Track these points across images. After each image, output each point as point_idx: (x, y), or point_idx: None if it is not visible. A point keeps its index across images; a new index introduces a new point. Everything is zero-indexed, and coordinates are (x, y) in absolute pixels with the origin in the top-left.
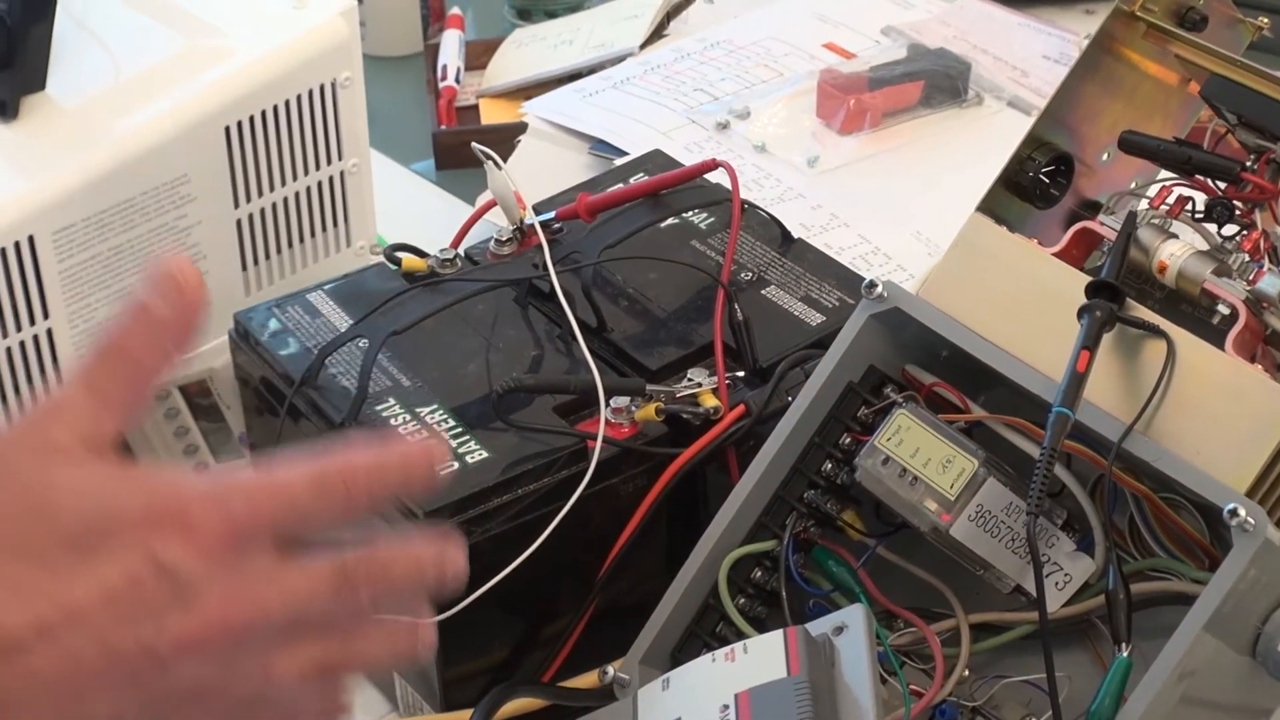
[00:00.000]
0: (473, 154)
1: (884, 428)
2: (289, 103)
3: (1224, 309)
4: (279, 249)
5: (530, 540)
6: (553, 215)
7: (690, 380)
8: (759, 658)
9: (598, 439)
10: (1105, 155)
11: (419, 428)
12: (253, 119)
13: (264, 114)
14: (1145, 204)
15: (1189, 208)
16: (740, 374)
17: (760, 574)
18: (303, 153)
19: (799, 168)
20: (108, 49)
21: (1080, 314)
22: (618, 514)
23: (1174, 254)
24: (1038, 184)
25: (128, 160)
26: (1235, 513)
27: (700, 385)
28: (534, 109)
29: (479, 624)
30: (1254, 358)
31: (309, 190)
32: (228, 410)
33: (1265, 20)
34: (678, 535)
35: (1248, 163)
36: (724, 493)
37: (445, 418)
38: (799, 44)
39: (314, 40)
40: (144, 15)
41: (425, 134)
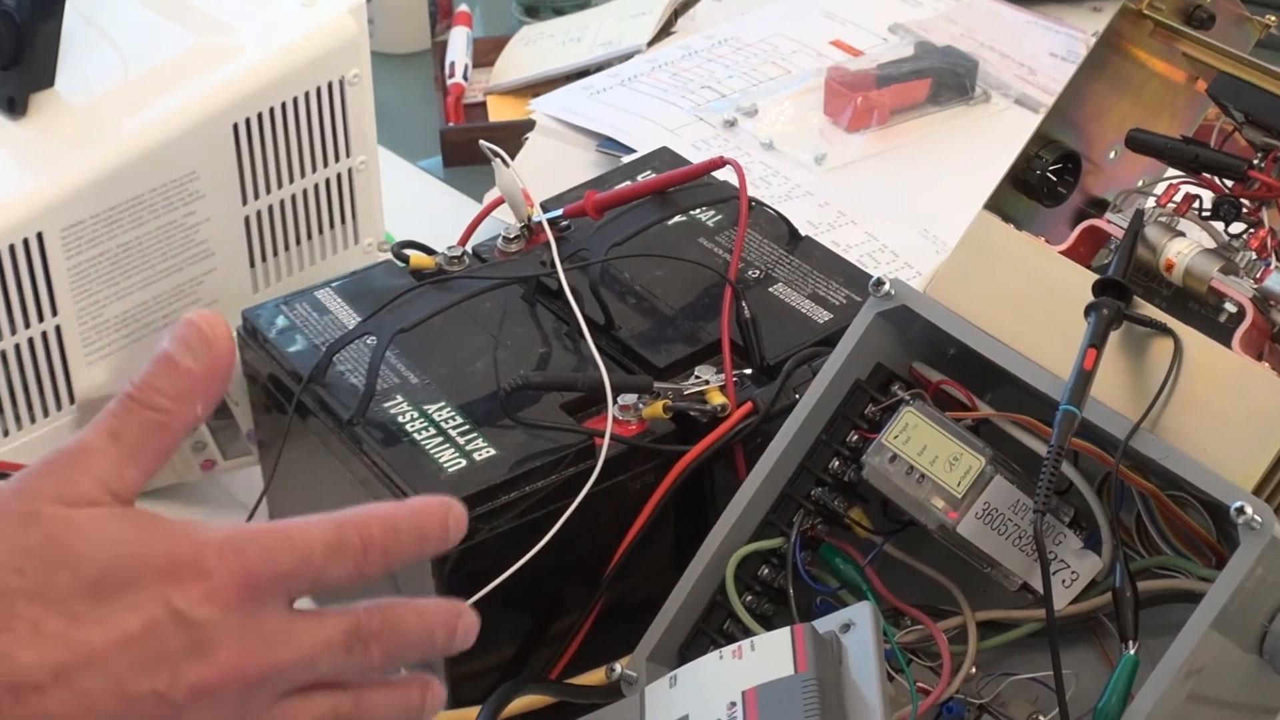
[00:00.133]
0: (480, 151)
1: (891, 425)
2: (297, 100)
3: (1231, 307)
4: (287, 246)
5: (538, 537)
6: (560, 212)
7: (698, 378)
8: (766, 655)
9: (605, 436)
10: (1112, 153)
11: (423, 421)
12: (261, 116)
13: (272, 111)
14: (1152, 202)
15: (1196, 206)
16: (748, 371)
17: (767, 571)
18: (311, 150)
19: (806, 165)
20: (116, 46)
21: (1087, 312)
22: (625, 511)
23: (1181, 252)
24: (1045, 182)
25: (136, 157)
26: (1242, 510)
27: (708, 383)
28: (541, 106)
29: (486, 620)
30: (1261, 355)
31: (317, 187)
32: (236, 407)
33: (1273, 18)
34: (685, 532)
35: (1255, 160)
36: (731, 490)
37: (453, 415)
38: (806, 41)
39: (322, 38)
40: (153, 12)
41: (433, 131)
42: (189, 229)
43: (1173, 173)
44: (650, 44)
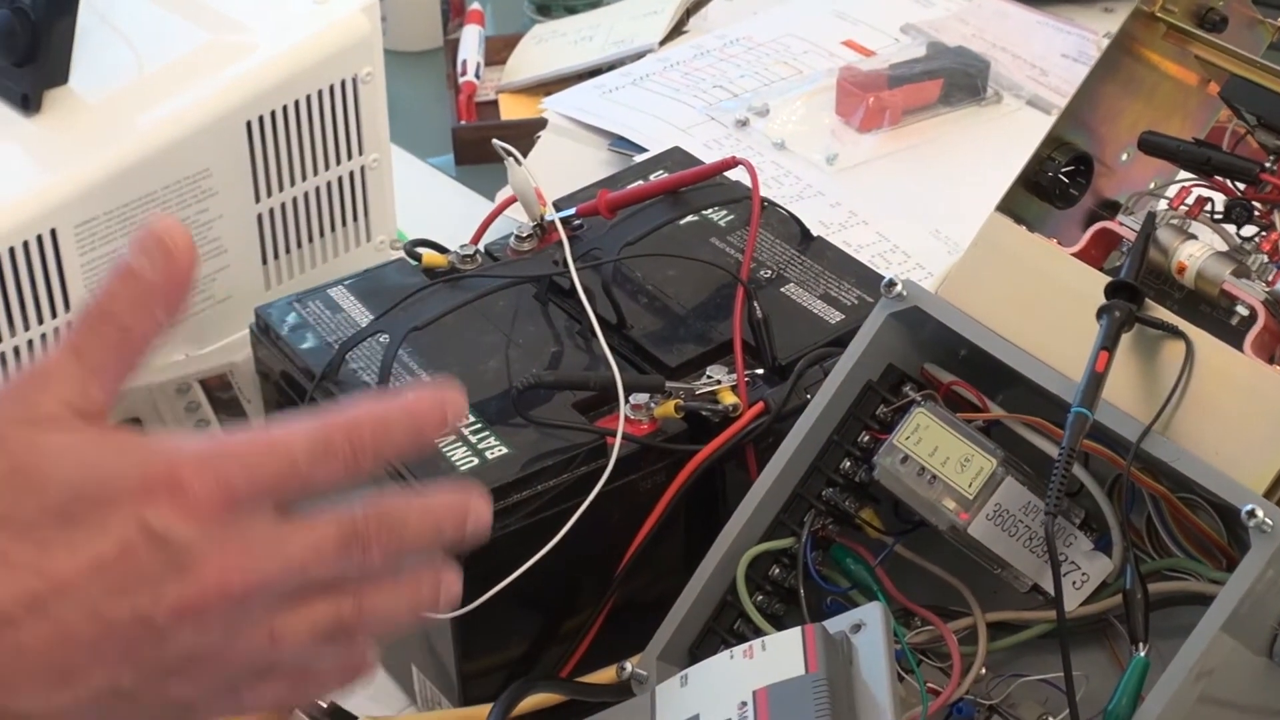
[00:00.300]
0: (492, 149)
1: (903, 426)
2: (310, 98)
3: (1243, 310)
4: (299, 243)
5: (549, 536)
6: (573, 212)
7: (709, 377)
8: (777, 655)
9: (617, 435)
10: (1124, 155)
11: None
12: (274, 114)
13: (285, 109)
14: (1164, 204)
15: (1208, 208)
16: (759, 371)
17: (778, 571)
18: (324, 148)
19: (818, 165)
20: (130, 43)
21: (1099, 314)
22: (636, 510)
23: (1193, 255)
24: (1057, 184)
25: (150, 154)
26: (1253, 513)
27: (719, 382)
28: (554, 105)
29: (498, 619)
30: (1273, 359)
31: (330, 185)
32: (248, 404)
33: None
34: (696, 532)
35: (1267, 163)
36: (742, 490)
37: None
38: (818, 41)
39: (335, 36)
40: (167, 10)
41: (445, 129)
42: (202, 226)
43: (1185, 175)
44: (662, 43)
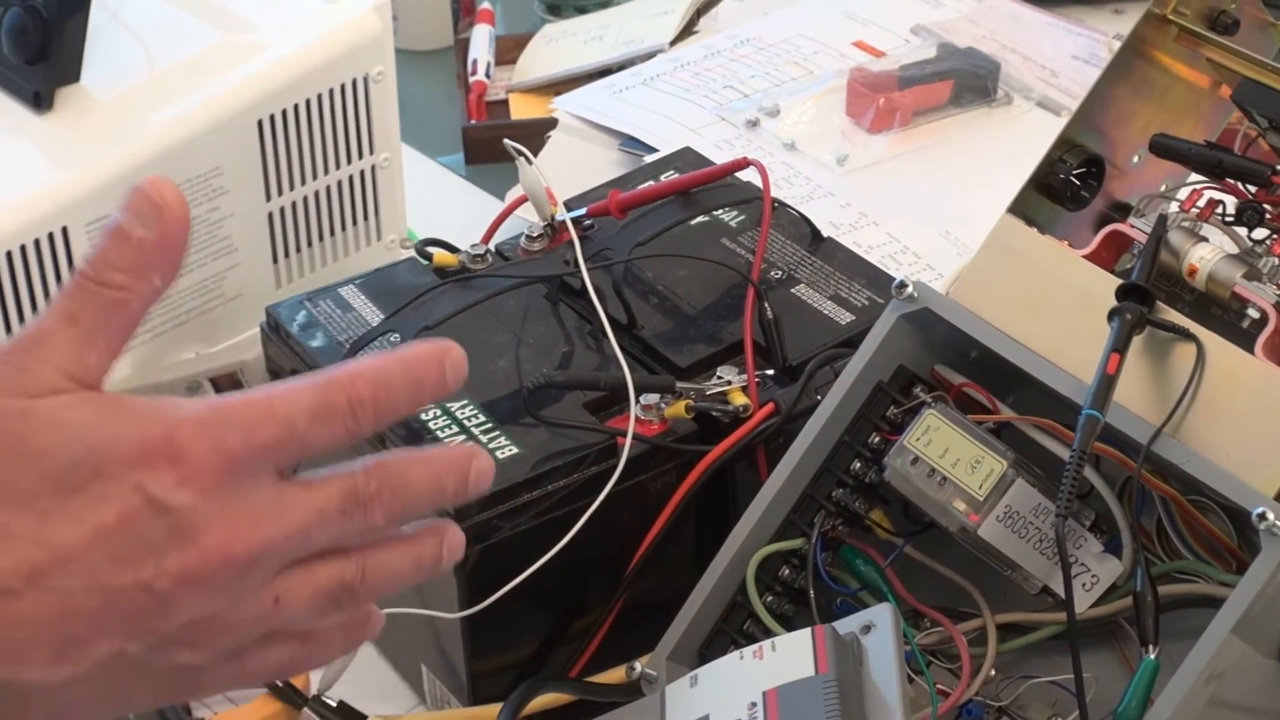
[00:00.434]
0: (502, 149)
1: (913, 427)
2: (321, 97)
3: (1254, 313)
4: (310, 242)
5: (559, 536)
6: (584, 212)
7: (720, 378)
8: (787, 656)
9: (627, 436)
10: (1136, 158)
11: (447, 422)
12: (285, 113)
13: (296, 108)
14: (1176, 207)
15: (1219, 211)
16: (770, 372)
17: (788, 572)
18: (334, 147)
19: (828, 166)
20: (142, 42)
21: (1110, 316)
22: (646, 511)
23: (1204, 257)
24: (1069, 186)
25: (161, 153)
26: (1264, 516)
27: (730, 383)
28: (564, 105)
29: (507, 618)
30: None
31: (340, 184)
32: None
33: None
34: (706, 532)
35: (1278, 166)
36: (753, 490)
37: (475, 413)
38: (829, 42)
39: (347, 35)
40: (179, 9)
41: (455, 128)
42: (213, 224)
43: (1196, 178)
44: (672, 43)
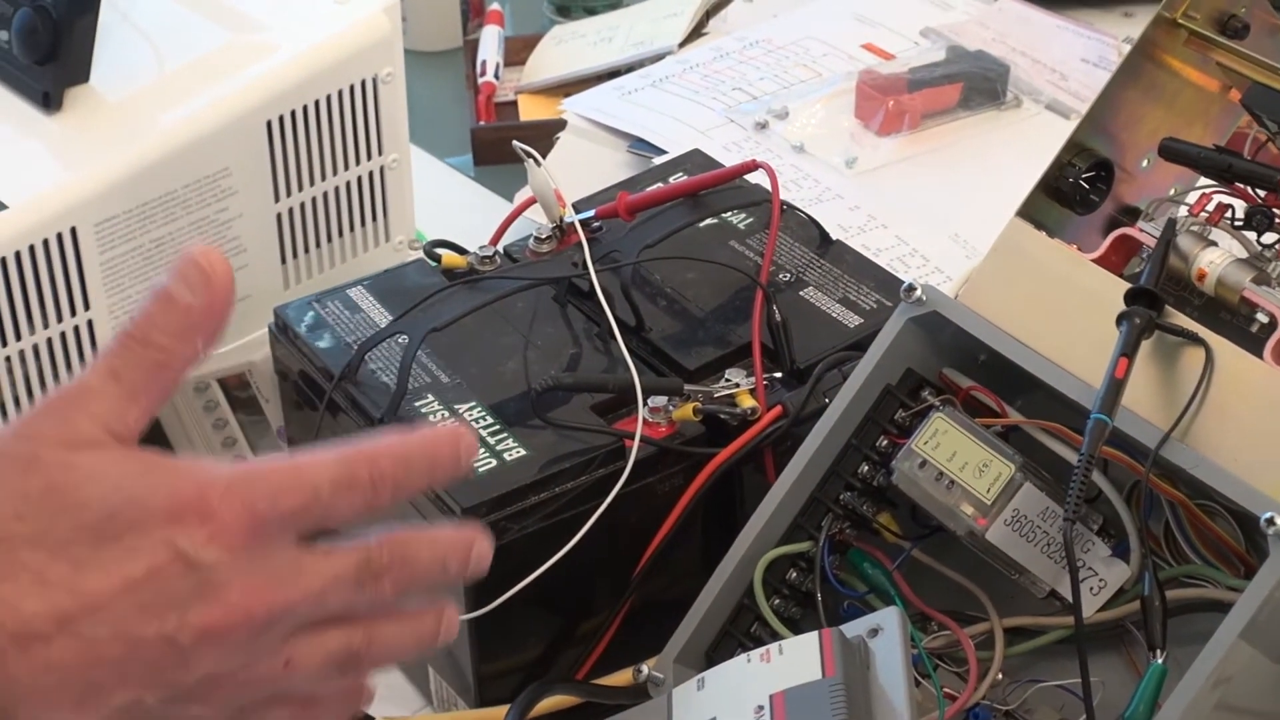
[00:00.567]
0: (511, 150)
1: (921, 431)
2: (330, 98)
3: (1263, 317)
4: (319, 243)
5: (567, 538)
6: (592, 213)
7: (728, 380)
8: (794, 659)
9: (635, 438)
10: (1145, 161)
11: (453, 420)
12: (294, 114)
13: (306, 109)
14: (1185, 211)
15: (1228, 215)
16: (778, 375)
17: (795, 575)
18: (343, 147)
19: (837, 168)
20: (152, 42)
21: (1119, 320)
22: (654, 513)
23: (1213, 261)
24: (1078, 190)
25: (170, 153)
26: (1272, 521)
27: (738, 386)
28: (573, 106)
29: (514, 620)
30: None
31: (349, 185)
32: (266, 403)
33: None
34: (713, 535)
35: None
36: (760, 493)
37: (483, 415)
38: (838, 44)
39: (356, 36)
40: (188, 9)
41: (464, 129)
42: (221, 225)
43: (1205, 182)
44: (682, 45)
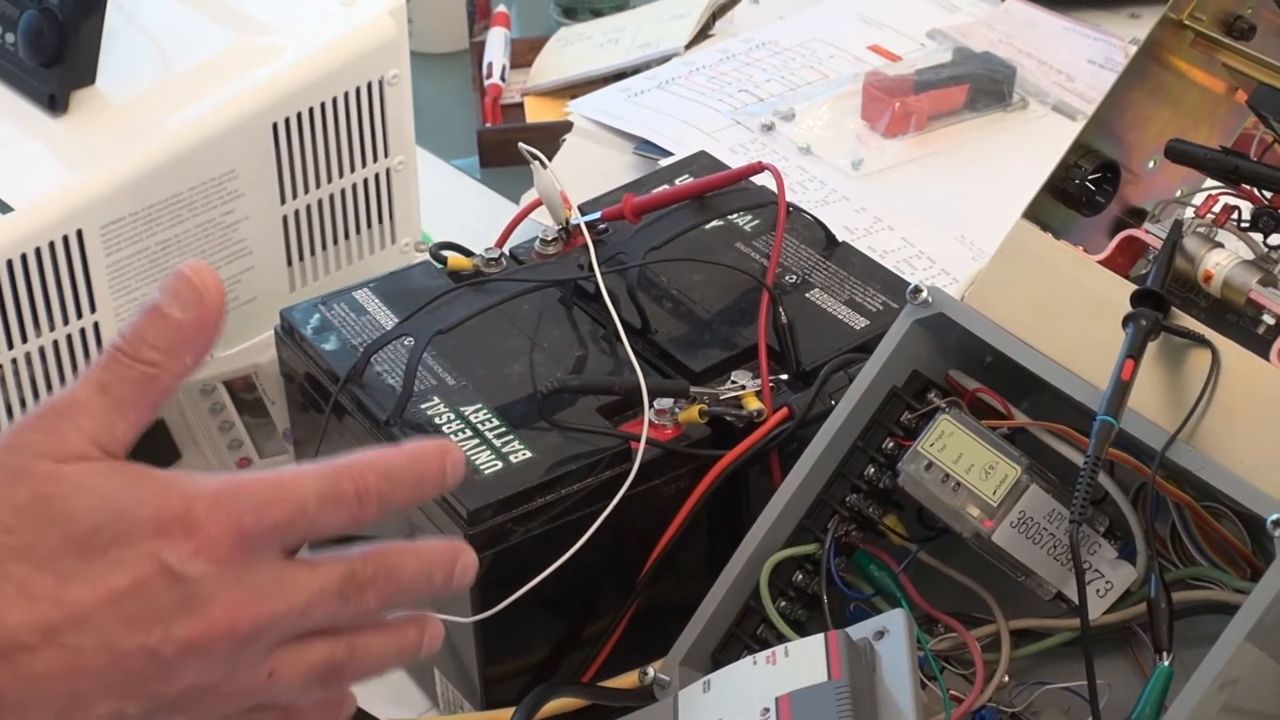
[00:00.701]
0: (517, 152)
1: (927, 433)
2: (337, 100)
3: (1269, 319)
4: (325, 245)
5: (573, 540)
6: (598, 215)
7: (734, 383)
8: (800, 661)
9: (641, 440)
10: (1151, 163)
11: (458, 422)
12: (300, 116)
13: (312, 111)
14: (1191, 212)
15: (1235, 217)
16: (784, 377)
17: (801, 577)
18: (349, 150)
19: (843, 170)
20: (157, 44)
21: (1125, 322)
22: (660, 515)
23: (1219, 263)
24: (1084, 191)
25: (176, 155)
26: (1278, 523)
27: (744, 388)
28: (579, 108)
29: (520, 623)
30: None
31: (355, 187)
32: (272, 406)
33: None
34: (719, 537)
35: None
36: (766, 495)
37: (489, 417)
38: (844, 46)
39: (362, 38)
40: (194, 11)
41: (470, 131)
42: (227, 227)
43: (1211, 183)
44: (688, 47)
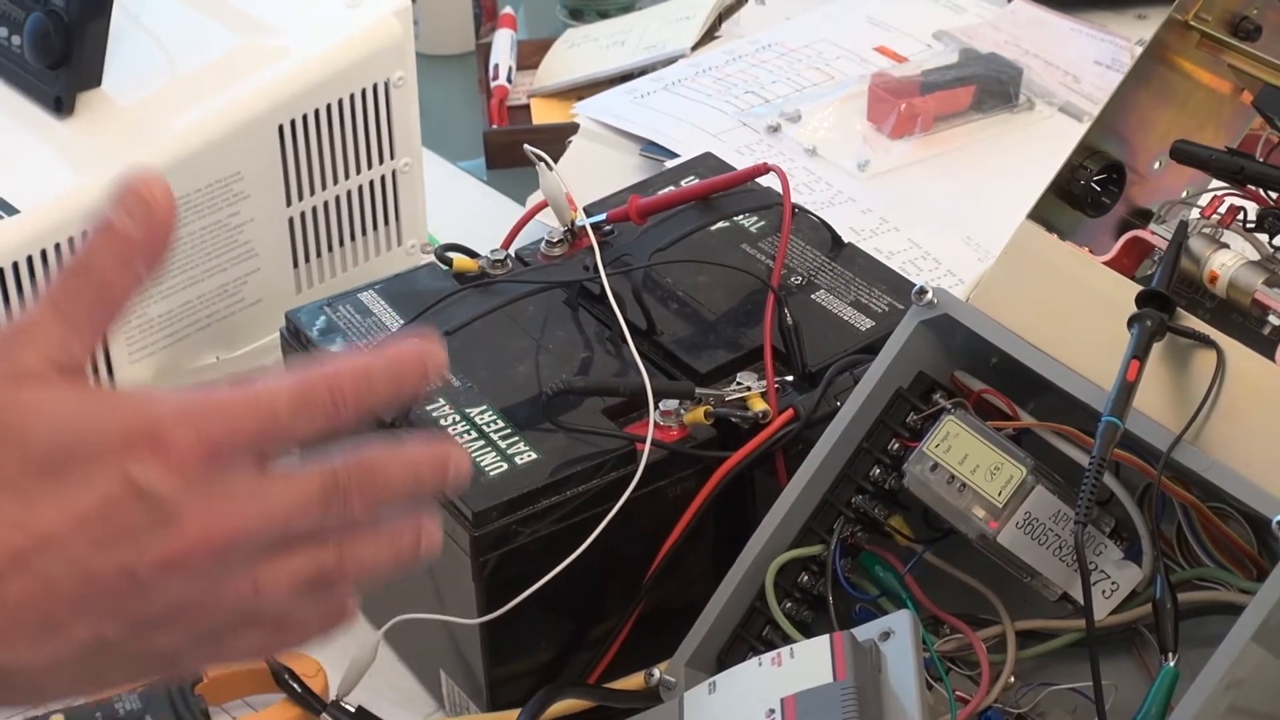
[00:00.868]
0: (523, 153)
1: (932, 434)
2: (342, 102)
3: (1275, 320)
4: (330, 247)
5: (578, 542)
6: (604, 217)
7: (739, 384)
8: (805, 662)
9: (646, 441)
10: (1157, 164)
11: (464, 424)
12: (306, 118)
13: (317, 113)
14: (1196, 213)
15: (1240, 217)
16: (789, 378)
17: (807, 578)
18: (355, 151)
19: (849, 171)
20: (163, 46)
21: (1130, 323)
22: (665, 516)
23: (1225, 264)
24: (1089, 192)
25: (182, 157)
26: None
27: (749, 389)
28: (585, 110)
29: (526, 624)
30: None
31: (361, 189)
32: None
33: None
34: (725, 538)
35: None
36: (772, 496)
37: (495, 418)
38: (850, 47)
39: (368, 40)
40: (200, 13)
41: (476, 133)
42: (233, 229)
43: (1217, 184)
44: (694, 48)
